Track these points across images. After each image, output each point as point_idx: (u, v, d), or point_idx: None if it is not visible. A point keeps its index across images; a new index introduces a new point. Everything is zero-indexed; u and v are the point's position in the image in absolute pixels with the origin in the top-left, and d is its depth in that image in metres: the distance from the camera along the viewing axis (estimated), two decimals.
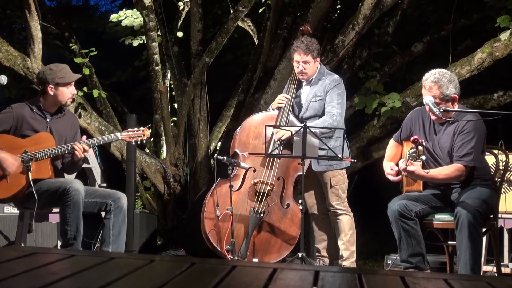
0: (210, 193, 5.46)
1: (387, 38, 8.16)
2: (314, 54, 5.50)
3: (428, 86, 4.65)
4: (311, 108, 5.56)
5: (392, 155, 5.05)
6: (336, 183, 5.54)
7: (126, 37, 9.51)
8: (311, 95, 5.57)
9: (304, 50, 5.48)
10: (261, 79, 7.81)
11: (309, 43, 5.50)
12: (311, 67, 5.54)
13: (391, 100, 7.26)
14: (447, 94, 4.61)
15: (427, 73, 4.70)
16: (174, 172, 8.09)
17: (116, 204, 5.02)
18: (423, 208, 4.64)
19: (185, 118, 8.06)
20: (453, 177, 4.62)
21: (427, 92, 4.65)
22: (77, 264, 2.67)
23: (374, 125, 7.70)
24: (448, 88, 4.60)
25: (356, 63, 8.17)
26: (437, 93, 4.61)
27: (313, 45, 5.50)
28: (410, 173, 4.55)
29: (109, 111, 8.41)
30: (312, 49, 5.48)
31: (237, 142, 5.62)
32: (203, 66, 7.74)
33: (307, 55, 5.49)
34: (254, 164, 5.54)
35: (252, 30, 9.08)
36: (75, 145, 5.01)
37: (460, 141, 4.61)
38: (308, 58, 5.49)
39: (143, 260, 2.69)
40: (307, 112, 5.58)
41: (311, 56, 5.49)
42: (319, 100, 5.53)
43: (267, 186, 5.48)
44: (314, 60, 5.53)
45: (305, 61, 5.50)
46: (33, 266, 2.51)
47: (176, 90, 8.46)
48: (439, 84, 4.61)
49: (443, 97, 4.61)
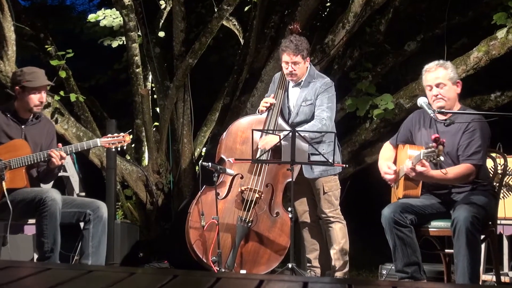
0: (195, 201, 5.45)
1: (379, 37, 8.16)
2: (304, 54, 5.49)
3: (433, 69, 4.77)
4: (301, 113, 5.56)
5: (387, 157, 5.06)
6: (329, 189, 5.54)
7: (105, 38, 9.47)
8: (301, 99, 5.57)
9: (294, 51, 5.46)
10: (247, 81, 7.80)
11: (298, 43, 5.48)
12: (301, 68, 5.53)
13: (384, 101, 7.28)
14: (452, 76, 4.74)
15: (426, 65, 4.84)
16: (156, 179, 8.06)
17: (96, 214, 5.00)
18: (418, 214, 4.65)
19: (167, 122, 8.03)
20: (463, 177, 4.62)
21: (431, 76, 4.75)
22: (53, 278, 2.64)
23: (367, 128, 7.70)
24: (452, 71, 4.77)
25: (347, 63, 8.17)
26: (443, 74, 4.71)
27: (302, 45, 5.49)
28: (418, 174, 4.54)
29: (88, 116, 8.36)
30: (301, 49, 5.47)
31: (223, 148, 5.61)
32: (186, 67, 7.72)
33: (296, 55, 5.47)
34: (241, 171, 5.53)
35: (237, 30, 9.08)
36: (51, 152, 4.98)
37: (466, 140, 4.64)
38: (297, 58, 5.48)
39: (124, 273, 2.67)
40: (298, 117, 5.57)
41: (301, 56, 5.48)
42: (310, 105, 5.53)
43: (255, 194, 5.47)
44: (304, 61, 5.52)
45: (295, 62, 5.49)
46: (6, 281, 2.49)
47: (158, 93, 8.42)
48: (444, 66, 4.76)
49: (450, 78, 4.73)
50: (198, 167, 8.04)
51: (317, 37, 7.96)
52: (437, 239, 4.92)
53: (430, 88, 4.78)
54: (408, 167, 4.57)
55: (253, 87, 7.57)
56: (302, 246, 5.95)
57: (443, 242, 5.00)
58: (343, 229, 5.58)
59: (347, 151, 7.74)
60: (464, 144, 4.66)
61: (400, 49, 8.23)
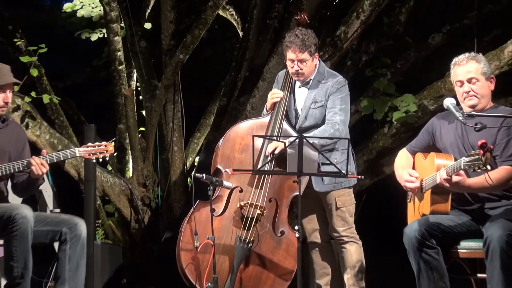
0: (187, 219, 5.44)
1: (398, 28, 8.17)
2: (312, 50, 5.47)
3: (464, 62, 4.76)
4: (310, 116, 5.54)
5: (405, 165, 5.06)
6: (343, 204, 5.52)
7: (83, 31, 9.47)
8: (310, 100, 5.55)
9: (300, 47, 5.43)
10: (247, 80, 7.80)
11: (305, 37, 5.45)
12: (309, 66, 5.51)
13: (405, 103, 7.27)
14: (486, 71, 4.75)
15: (455, 58, 4.85)
16: (142, 194, 8.06)
17: (73, 232, 4.99)
18: (446, 234, 4.63)
19: (155, 128, 8.03)
20: (505, 182, 4.58)
21: (462, 70, 4.75)
22: None
23: (385, 134, 7.70)
24: (486, 65, 4.77)
25: (362, 59, 8.17)
26: (475, 68, 4.72)
27: (310, 39, 5.46)
28: (454, 184, 4.51)
29: (63, 120, 8.36)
30: (308, 45, 5.45)
31: (220, 157, 5.59)
32: (176, 64, 7.72)
33: (303, 52, 5.44)
34: (240, 183, 5.52)
35: (235, 21, 9.08)
36: (32, 159, 4.98)
37: (504, 138, 4.62)
38: (304, 55, 5.46)
39: None
40: (307, 121, 5.55)
41: (308, 53, 5.46)
42: (320, 107, 5.51)
43: (256, 210, 5.45)
44: (312, 57, 5.49)
45: (301, 60, 5.46)
46: None
47: (144, 94, 8.43)
48: (476, 59, 4.76)
49: (483, 72, 4.73)
50: (191, 179, 8.05)
51: (327, 29, 7.96)
52: (468, 262, 4.89)
53: (461, 84, 4.77)
54: (443, 177, 4.53)
55: (254, 87, 7.57)
56: (311, 270, 5.94)
57: (475, 266, 4.97)
58: (358, 250, 5.57)
59: (363, 160, 7.74)
60: (502, 143, 4.62)
61: (423, 42, 8.22)
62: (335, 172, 5.20)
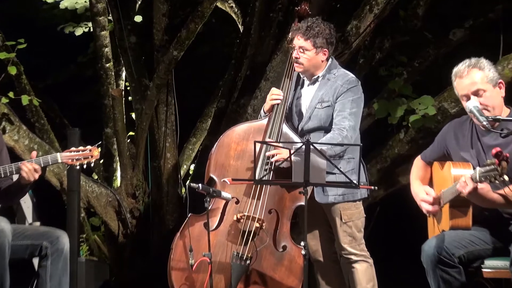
0: (180, 233, 5.43)
1: (416, 22, 8.16)
2: (317, 41, 5.46)
3: (465, 72, 4.71)
4: (315, 117, 5.53)
5: (421, 177, 5.05)
6: (349, 218, 5.51)
7: (66, 24, 9.46)
8: (316, 99, 5.54)
9: (303, 32, 5.46)
10: (248, 79, 7.81)
11: (313, 25, 5.47)
12: (309, 58, 5.50)
13: (423, 105, 7.26)
14: (492, 77, 4.68)
15: (455, 68, 4.80)
16: (131, 205, 8.06)
17: (55, 246, 4.98)
18: (469, 251, 4.62)
19: (146, 132, 8.03)
20: None
21: (465, 82, 4.69)
22: None
23: (401, 140, 7.70)
24: (490, 70, 4.70)
25: (376, 57, 8.17)
26: (480, 77, 4.66)
27: (319, 30, 5.45)
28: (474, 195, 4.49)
29: (44, 123, 8.36)
30: (314, 34, 5.45)
31: (213, 165, 5.58)
32: (170, 62, 7.72)
33: (305, 39, 5.47)
34: (236, 193, 5.50)
35: (235, 13, 9.08)
36: (23, 164, 4.98)
37: None
38: (306, 44, 5.47)
39: None
40: (310, 122, 5.54)
41: (311, 42, 5.46)
42: (327, 107, 5.50)
43: (254, 223, 5.44)
44: (316, 50, 5.48)
45: (301, 47, 5.48)
46: None
47: (133, 95, 8.42)
48: (478, 66, 4.70)
49: (489, 80, 4.67)
50: (185, 189, 8.03)
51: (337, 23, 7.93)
52: (493, 282, 4.89)
53: (467, 99, 4.71)
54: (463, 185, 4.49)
55: (256, 87, 7.58)
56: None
57: (500, 286, 4.98)
58: (369, 270, 5.55)
59: (376, 168, 7.73)
60: None
61: (443, 38, 8.22)
62: (345, 183, 5.19)
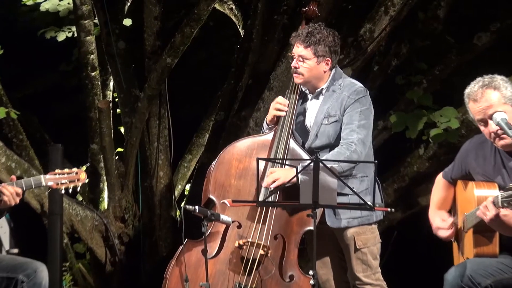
0: (174, 262, 5.41)
1: (436, 25, 8.18)
2: (319, 50, 5.41)
3: (479, 95, 4.65)
4: (322, 134, 5.49)
5: (442, 199, 5.06)
6: (364, 244, 5.49)
7: (47, 29, 9.47)
8: (322, 114, 5.50)
9: (302, 39, 5.42)
10: (250, 89, 7.81)
11: (314, 31, 5.43)
12: (310, 68, 5.45)
13: (445, 118, 7.26)
14: (510, 96, 4.64)
15: (467, 89, 4.73)
16: (120, 230, 8.05)
17: (31, 280, 4.98)
18: (497, 280, 4.61)
19: (136, 148, 8.03)
20: None
21: (480, 106, 4.64)
22: None
23: (420, 156, 7.70)
24: (507, 89, 4.65)
25: (392, 64, 8.18)
26: (496, 98, 4.62)
27: (321, 37, 5.41)
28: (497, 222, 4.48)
29: (22, 139, 8.37)
30: (315, 41, 5.41)
31: (212, 184, 5.56)
32: (163, 70, 7.73)
33: (306, 47, 5.42)
34: (238, 217, 5.48)
35: (235, 16, 9.10)
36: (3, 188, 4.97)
37: None
38: (305, 52, 5.43)
39: None
40: (317, 140, 5.51)
41: (312, 51, 5.42)
42: (334, 122, 5.46)
43: (258, 250, 5.42)
44: (318, 60, 5.43)
45: (301, 56, 5.45)
46: None
47: (122, 107, 8.42)
48: (493, 85, 4.65)
49: (509, 99, 4.63)
50: (180, 212, 8.02)
51: (349, 27, 7.96)
52: None
53: (485, 124, 4.68)
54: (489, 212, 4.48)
55: (258, 98, 7.58)
56: None
57: None
58: None
59: (393, 188, 7.73)
60: None
61: (467, 43, 8.22)
62: (358, 204, 5.17)
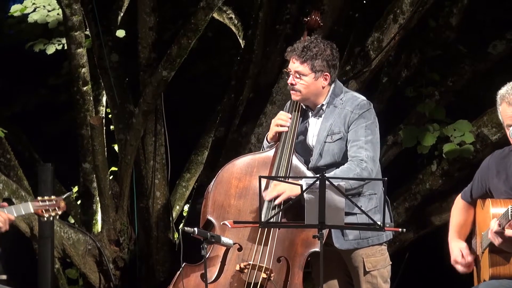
0: (172, 286, 5.41)
1: (449, 34, 8.19)
2: (316, 65, 5.38)
3: None
4: (327, 153, 5.48)
5: (461, 223, 5.04)
6: (373, 266, 5.50)
7: (36, 41, 9.50)
8: (325, 132, 5.50)
9: (298, 55, 5.40)
10: (251, 103, 7.82)
11: (311, 45, 5.41)
12: (307, 84, 5.42)
13: (459, 132, 7.27)
14: None
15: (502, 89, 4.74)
16: (115, 254, 8.05)
17: None
18: None
19: (131, 167, 8.04)
20: None
21: None
22: None
23: (433, 173, 7.70)
24: None
25: (402, 75, 8.19)
26: None
27: (318, 51, 5.38)
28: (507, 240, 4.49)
29: (10, 158, 8.38)
30: (312, 56, 5.38)
31: (211, 205, 5.56)
32: (158, 84, 7.74)
33: (302, 62, 5.39)
34: (239, 239, 5.48)
35: (235, 26, 9.11)
36: None
37: None
38: (302, 68, 5.40)
39: None
40: (322, 159, 5.49)
41: (309, 66, 5.39)
42: (339, 140, 5.45)
43: (260, 273, 5.42)
44: (315, 75, 5.40)
45: (297, 72, 5.45)
46: None
47: (116, 124, 8.44)
48: None
49: None
50: (178, 234, 8.03)
51: (355, 36, 7.98)
52: None
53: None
54: (493, 229, 4.52)
55: (260, 112, 7.58)
56: None
57: None
58: None
59: (404, 207, 7.73)
60: None
61: (481, 52, 8.24)
62: (367, 224, 5.18)
